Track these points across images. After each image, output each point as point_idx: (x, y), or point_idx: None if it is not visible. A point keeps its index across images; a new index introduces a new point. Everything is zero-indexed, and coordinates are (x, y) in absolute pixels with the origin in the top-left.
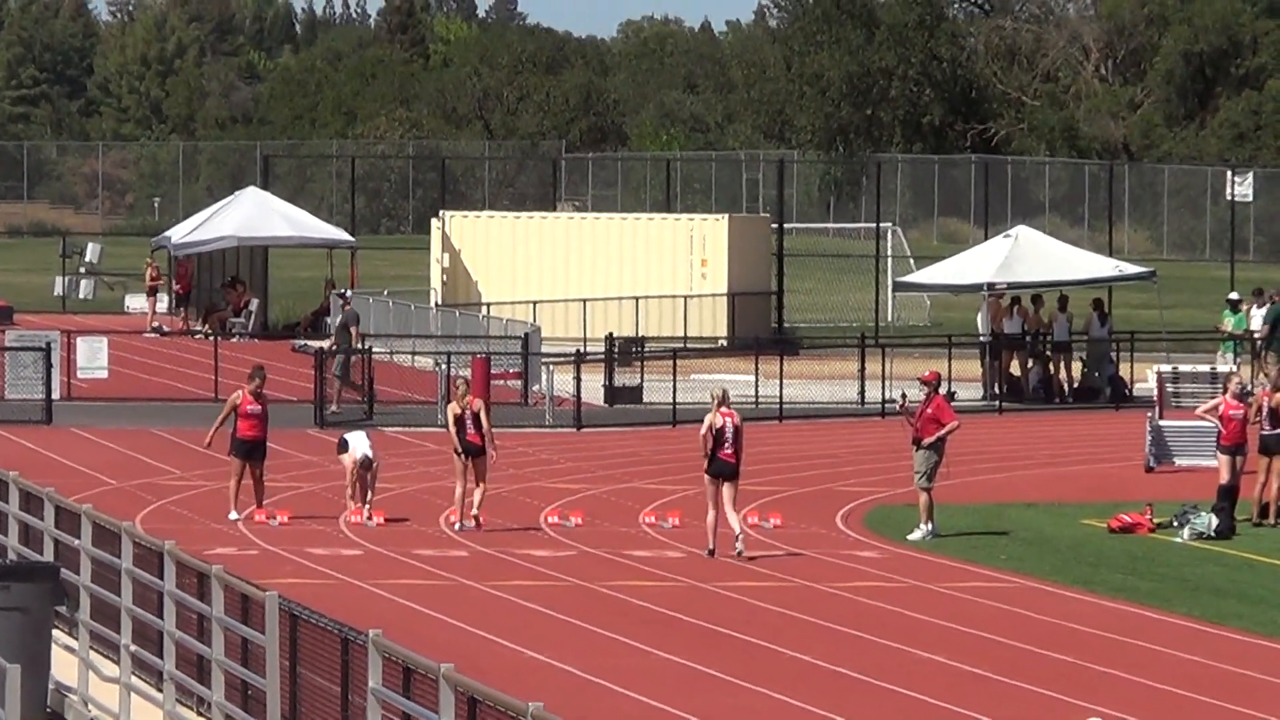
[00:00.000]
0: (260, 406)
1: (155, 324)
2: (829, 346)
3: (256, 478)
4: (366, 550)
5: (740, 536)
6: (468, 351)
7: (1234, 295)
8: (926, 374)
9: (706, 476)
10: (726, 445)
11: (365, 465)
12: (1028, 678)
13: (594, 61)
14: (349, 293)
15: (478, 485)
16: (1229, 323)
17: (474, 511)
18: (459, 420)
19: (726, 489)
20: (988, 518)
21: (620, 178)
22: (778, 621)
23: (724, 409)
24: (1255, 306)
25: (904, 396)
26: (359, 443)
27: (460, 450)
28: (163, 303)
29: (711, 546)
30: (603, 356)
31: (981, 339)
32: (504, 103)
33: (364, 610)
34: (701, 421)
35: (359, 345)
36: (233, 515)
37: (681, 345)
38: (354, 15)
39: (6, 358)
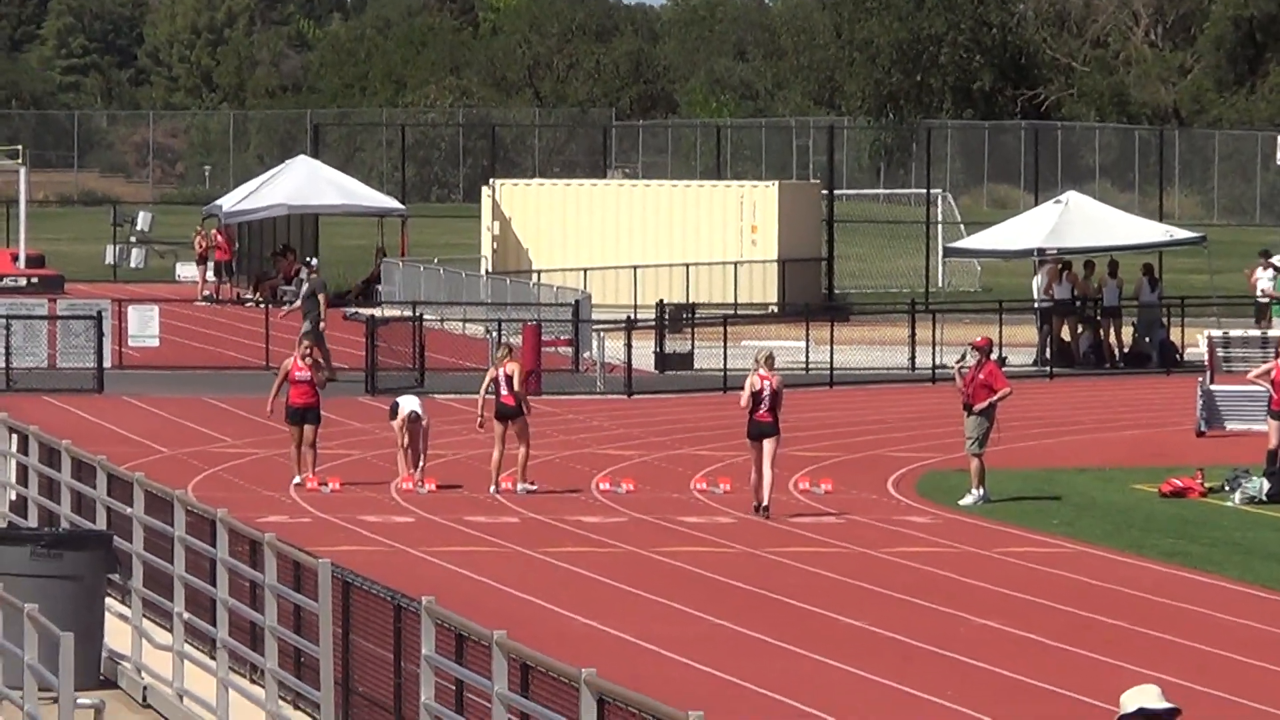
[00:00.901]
0: (309, 372)
1: (206, 292)
2: (879, 312)
3: (310, 444)
4: (418, 517)
5: (769, 491)
6: (518, 319)
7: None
8: (979, 340)
9: (748, 439)
10: (763, 407)
11: (414, 420)
12: (1080, 643)
13: (644, 28)
14: (315, 261)
15: (520, 446)
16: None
17: (519, 479)
18: (494, 382)
19: (767, 445)
20: (1039, 483)
21: (670, 145)
22: (829, 587)
23: (763, 372)
24: (1260, 269)
25: (964, 355)
26: (408, 403)
27: (495, 415)
28: (212, 271)
29: (760, 503)
30: (653, 323)
31: (1037, 304)
32: (554, 70)
33: (416, 577)
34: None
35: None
36: (296, 479)
37: (732, 312)
38: None
39: (58, 326)
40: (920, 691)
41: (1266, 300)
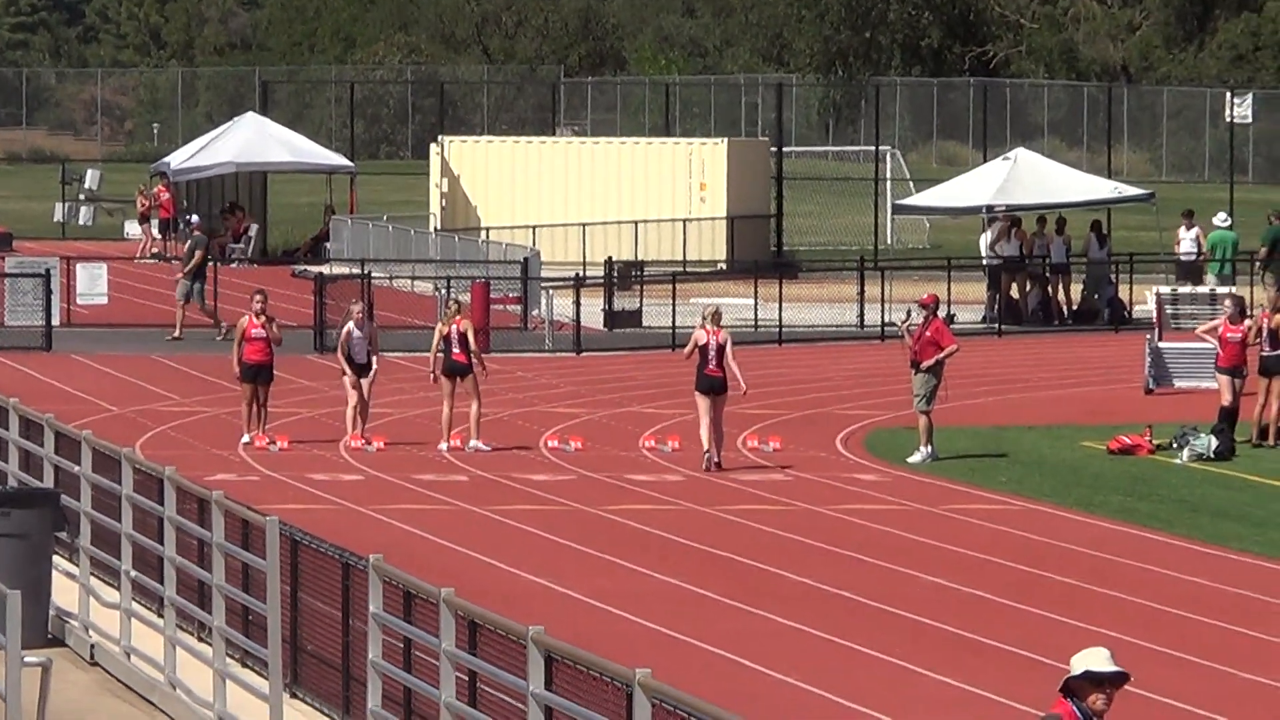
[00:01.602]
0: (264, 329)
1: (155, 249)
2: (828, 270)
3: (261, 403)
4: (367, 475)
5: (719, 446)
6: (467, 276)
7: (1220, 216)
8: (925, 297)
9: (697, 393)
10: (712, 362)
11: (360, 373)
12: (1028, 599)
13: None
14: (195, 218)
15: (471, 403)
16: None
17: (472, 436)
18: (445, 339)
19: (717, 401)
20: (987, 440)
21: (619, 102)
22: (778, 544)
23: (710, 327)
24: (1184, 229)
25: (909, 314)
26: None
27: (445, 371)
28: (157, 228)
29: (707, 449)
30: (602, 281)
31: (986, 261)
32: (502, 27)
33: (364, 535)
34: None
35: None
36: (245, 438)
37: (681, 269)
38: None
39: (6, 284)
40: (868, 649)
41: (1190, 259)
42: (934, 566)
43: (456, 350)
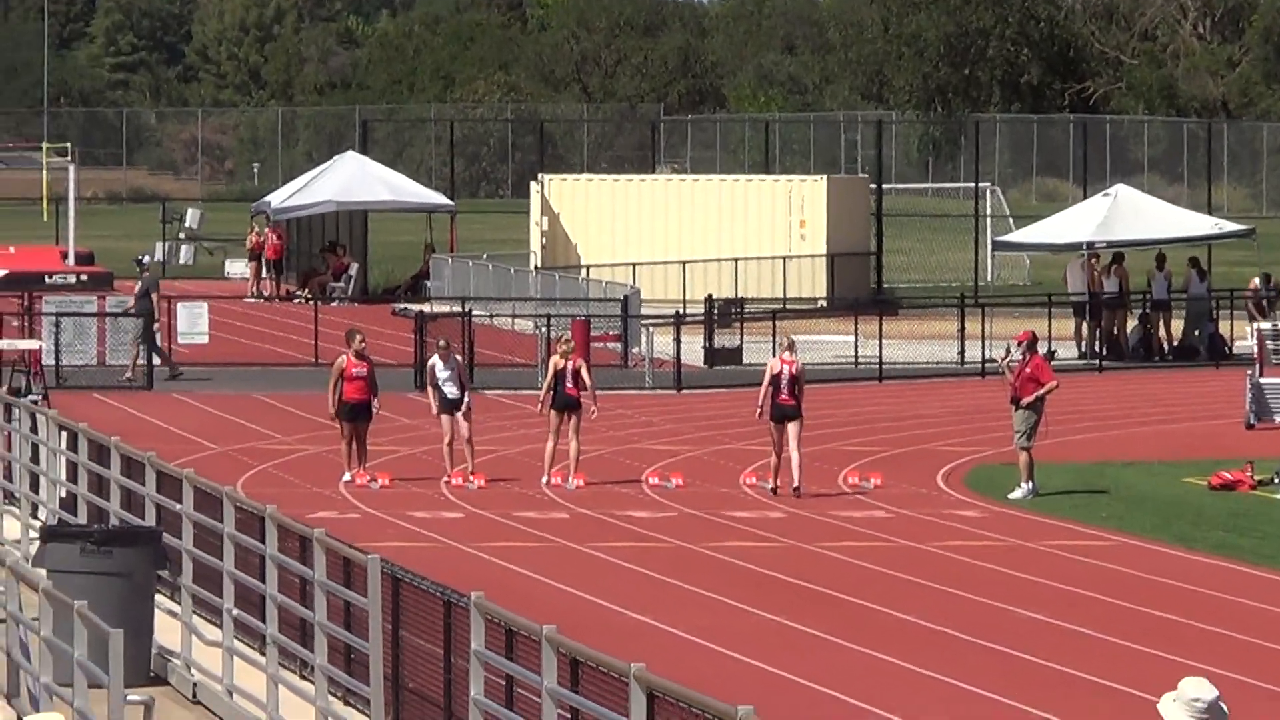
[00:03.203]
0: (365, 368)
1: (255, 289)
2: (928, 307)
3: (360, 440)
4: (467, 512)
5: (800, 472)
6: (567, 314)
7: None
8: (1021, 334)
9: (770, 423)
10: (784, 391)
11: (453, 410)
12: (1129, 635)
13: (691, 24)
14: (146, 258)
15: (573, 439)
16: None
17: (572, 471)
18: (559, 373)
19: (791, 428)
20: (1088, 476)
21: (719, 139)
22: (880, 581)
23: (786, 356)
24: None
25: (1008, 350)
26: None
27: (556, 406)
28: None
29: (774, 485)
30: (702, 318)
31: (1073, 297)
32: (602, 65)
33: (465, 573)
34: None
35: (160, 312)
36: (345, 477)
37: (781, 306)
38: None
39: (107, 324)
40: (969, 684)
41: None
42: (1034, 602)
43: (570, 385)
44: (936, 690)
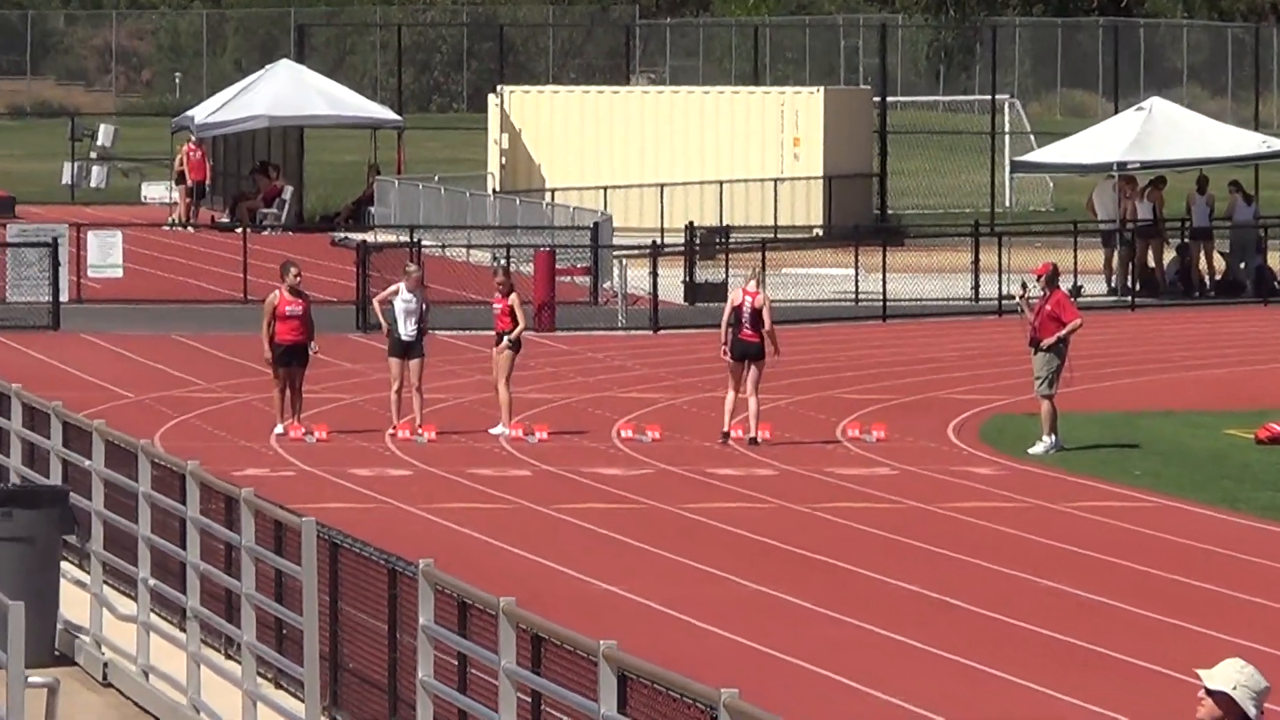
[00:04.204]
0: (300, 306)
1: (183, 215)
2: (938, 236)
3: (295, 388)
4: (416, 470)
5: (756, 421)
6: (529, 244)
7: None
8: (1040, 266)
9: (729, 360)
10: (746, 325)
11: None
12: (1163, 607)
13: None
14: None
15: (502, 387)
16: None
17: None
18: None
19: (751, 370)
20: (1119, 428)
21: (702, 46)
22: (880, 546)
23: (749, 288)
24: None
25: (1024, 286)
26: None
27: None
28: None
29: (726, 429)
30: (682, 249)
31: (1101, 225)
32: None
33: (413, 537)
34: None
35: None
36: (278, 429)
37: (771, 236)
38: None
39: (8, 255)
40: (981, 664)
41: None
42: (1057, 571)
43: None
44: (944, 669)
